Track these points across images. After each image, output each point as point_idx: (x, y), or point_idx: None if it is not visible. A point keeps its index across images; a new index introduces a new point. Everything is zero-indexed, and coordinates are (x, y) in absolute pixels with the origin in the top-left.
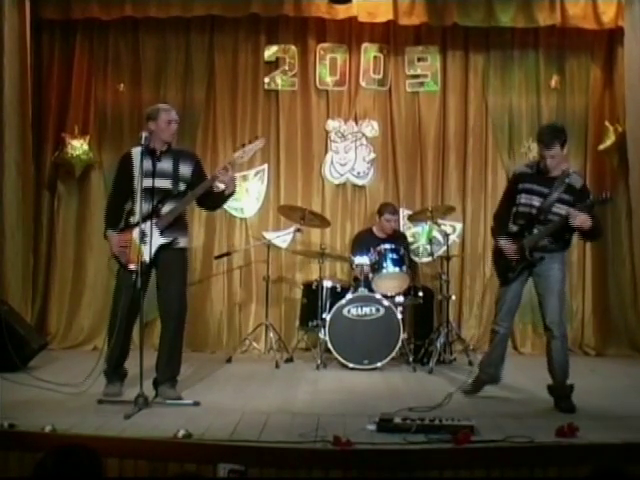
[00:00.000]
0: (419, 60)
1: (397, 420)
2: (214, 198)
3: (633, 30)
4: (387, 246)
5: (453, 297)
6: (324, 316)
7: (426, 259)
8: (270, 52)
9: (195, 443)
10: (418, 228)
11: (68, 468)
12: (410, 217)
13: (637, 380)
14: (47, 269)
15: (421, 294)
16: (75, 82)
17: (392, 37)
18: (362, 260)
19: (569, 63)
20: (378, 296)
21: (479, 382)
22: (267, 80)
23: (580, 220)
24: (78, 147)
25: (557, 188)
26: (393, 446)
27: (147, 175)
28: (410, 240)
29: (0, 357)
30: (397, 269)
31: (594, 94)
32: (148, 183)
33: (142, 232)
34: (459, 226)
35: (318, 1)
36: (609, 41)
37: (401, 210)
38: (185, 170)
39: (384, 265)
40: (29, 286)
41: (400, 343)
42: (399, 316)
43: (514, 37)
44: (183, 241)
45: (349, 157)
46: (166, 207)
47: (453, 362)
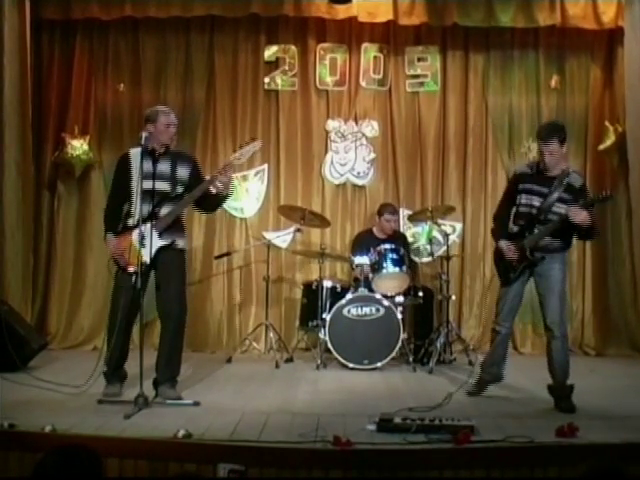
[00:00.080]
0: (419, 60)
1: (397, 420)
2: (211, 200)
3: (633, 30)
4: (387, 246)
5: (453, 297)
6: (324, 316)
7: (426, 259)
8: (270, 52)
9: (195, 443)
10: (418, 228)
11: (68, 468)
12: (410, 217)
13: (637, 380)
14: (47, 269)
15: (421, 294)
16: (75, 82)
17: (392, 37)
18: (362, 260)
19: (569, 63)
20: (378, 296)
21: (482, 382)
22: (267, 80)
23: (580, 217)
24: (78, 147)
25: (557, 188)
26: (393, 446)
27: (146, 177)
28: (410, 240)
29: (0, 357)
30: (397, 269)
31: (594, 94)
32: (147, 185)
33: (141, 234)
34: (459, 226)
35: (318, 1)
36: (609, 41)
37: (401, 210)
38: (183, 172)
39: (384, 265)
40: (29, 286)
41: (400, 343)
42: (399, 316)
43: (514, 37)
44: (181, 242)
45: (349, 157)
46: (164, 209)
47: (453, 362)
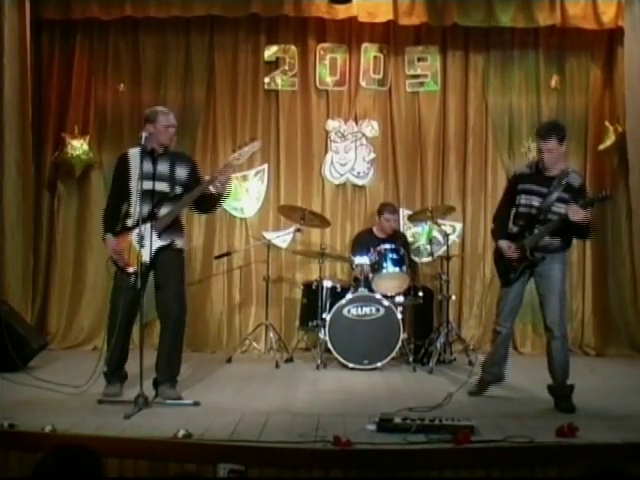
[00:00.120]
0: (419, 60)
1: (397, 420)
2: (208, 201)
3: (633, 30)
4: (387, 246)
5: (453, 297)
6: (324, 316)
7: (426, 259)
8: (270, 52)
9: (195, 443)
10: (418, 228)
11: (68, 468)
12: (410, 217)
13: (637, 380)
14: (47, 269)
15: (421, 294)
16: (75, 82)
17: (392, 37)
18: (362, 260)
19: (569, 63)
20: (378, 296)
21: (484, 383)
22: (267, 80)
23: (579, 216)
24: (78, 147)
25: (556, 188)
26: (393, 446)
27: (145, 177)
28: (410, 240)
29: (0, 357)
30: (397, 269)
31: (594, 94)
32: (146, 185)
33: (140, 235)
34: (459, 226)
35: (318, 1)
36: (609, 41)
37: (401, 210)
38: (181, 173)
39: (384, 265)
40: (29, 286)
41: (400, 343)
42: (399, 316)
43: (514, 37)
44: (180, 242)
45: (349, 157)
46: (163, 210)
47: (453, 362)
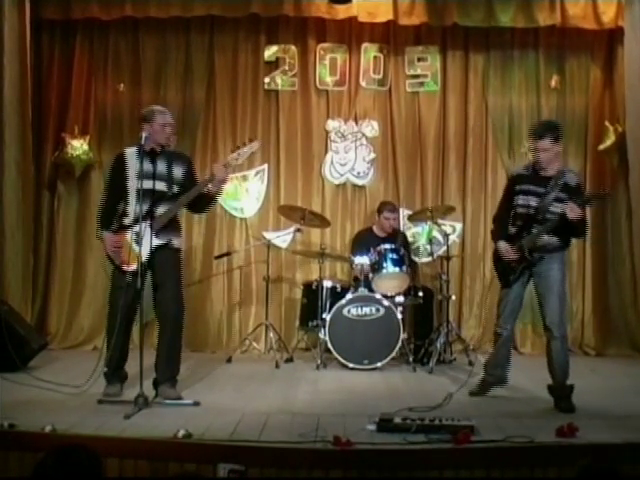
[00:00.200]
0: (419, 60)
1: (397, 420)
2: (203, 201)
3: (633, 30)
4: (387, 246)
5: (453, 297)
6: (324, 316)
7: (426, 259)
8: (270, 52)
9: (195, 443)
10: (418, 228)
11: (68, 468)
12: (410, 217)
13: (637, 380)
14: (47, 269)
15: (421, 294)
16: (75, 82)
17: (392, 37)
18: (362, 260)
19: (569, 63)
20: (378, 296)
21: (486, 384)
22: (267, 80)
23: (575, 213)
24: (78, 147)
25: (553, 187)
26: (393, 446)
27: (144, 177)
28: (410, 240)
29: (0, 357)
30: (397, 269)
31: (594, 94)
32: (144, 185)
33: (137, 233)
34: (459, 226)
35: (318, 1)
36: (609, 41)
37: (401, 210)
38: (178, 172)
39: (384, 265)
40: (29, 286)
41: (400, 343)
42: (399, 316)
43: (514, 37)
44: (177, 242)
45: (349, 157)
46: (160, 209)
47: (453, 362)
